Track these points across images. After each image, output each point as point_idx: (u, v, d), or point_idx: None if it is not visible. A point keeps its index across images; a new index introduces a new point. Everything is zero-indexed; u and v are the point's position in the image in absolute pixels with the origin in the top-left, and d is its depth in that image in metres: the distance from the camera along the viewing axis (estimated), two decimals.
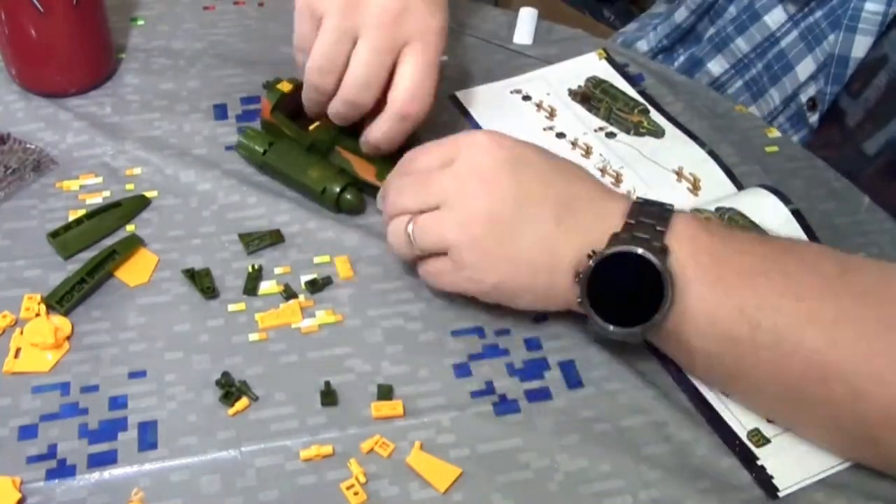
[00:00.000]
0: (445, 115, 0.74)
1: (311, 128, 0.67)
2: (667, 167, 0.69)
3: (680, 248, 0.52)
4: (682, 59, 0.89)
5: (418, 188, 0.57)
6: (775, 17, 0.81)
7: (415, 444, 0.52)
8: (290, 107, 0.68)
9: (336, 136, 0.66)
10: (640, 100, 0.74)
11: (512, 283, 0.55)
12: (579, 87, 0.75)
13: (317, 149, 0.66)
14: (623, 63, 0.79)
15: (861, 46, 0.75)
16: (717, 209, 0.63)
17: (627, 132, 0.72)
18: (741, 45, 0.83)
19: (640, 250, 0.51)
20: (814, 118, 0.80)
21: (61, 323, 0.57)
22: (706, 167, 0.69)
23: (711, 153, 0.70)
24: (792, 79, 0.81)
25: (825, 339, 0.49)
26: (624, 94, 0.74)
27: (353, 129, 0.65)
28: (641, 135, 0.72)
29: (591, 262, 0.52)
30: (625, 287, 0.53)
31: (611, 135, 0.72)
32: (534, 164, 0.56)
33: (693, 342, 0.53)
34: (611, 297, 0.53)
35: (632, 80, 0.78)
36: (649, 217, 0.53)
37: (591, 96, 0.74)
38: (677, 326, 0.52)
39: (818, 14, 0.78)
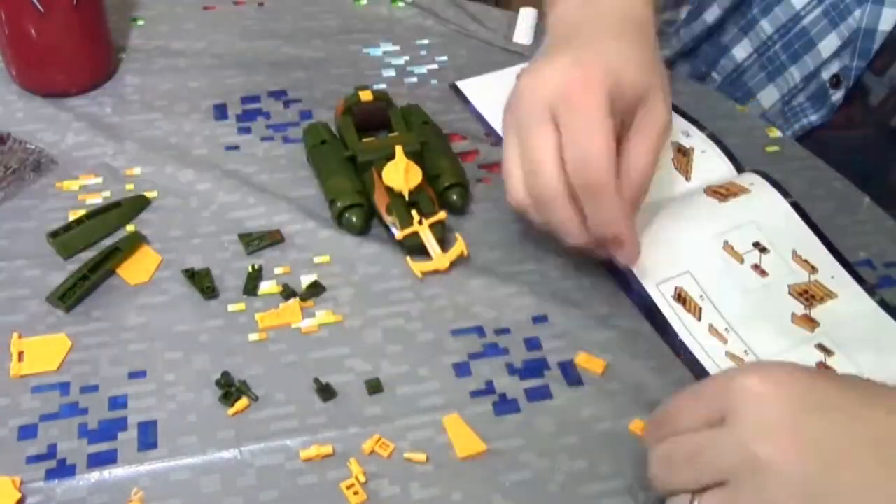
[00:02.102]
0: (445, 105, 0.74)
1: (364, 140, 0.67)
2: (667, 148, 0.69)
3: None
4: (707, 50, 0.89)
5: (690, 464, 0.44)
6: None
7: (453, 414, 0.54)
8: (362, 115, 0.69)
9: (379, 157, 0.64)
10: None
11: None
12: None
13: (358, 162, 0.65)
14: None
15: (889, 19, 0.73)
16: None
17: None
18: (766, 27, 0.82)
19: None
20: (836, 96, 0.79)
21: (58, 342, 0.57)
22: (704, 147, 0.70)
23: (712, 136, 0.70)
24: (814, 56, 0.79)
25: None
26: None
27: (392, 154, 0.63)
28: None
29: None
30: None
31: None
32: (834, 397, 0.43)
33: None
34: None
35: None
36: None
37: None
38: None
39: None
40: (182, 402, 0.54)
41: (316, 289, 0.60)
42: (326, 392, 0.55)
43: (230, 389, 0.54)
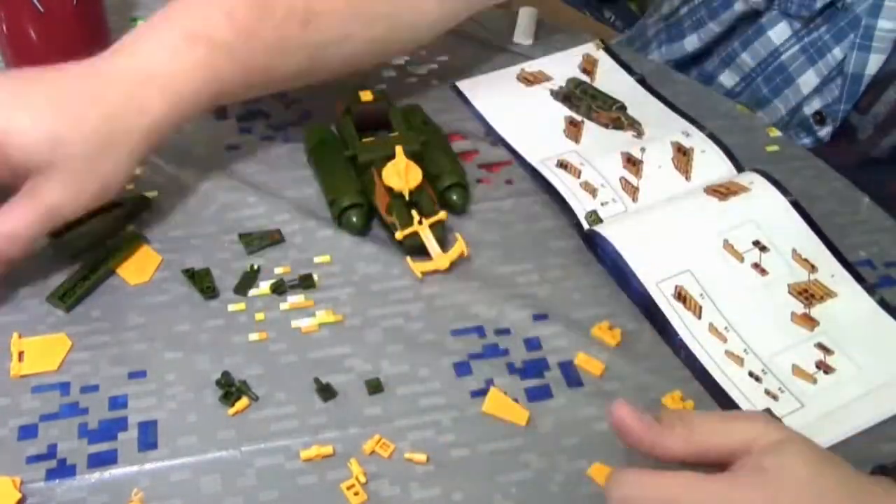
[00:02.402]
0: (445, 105, 0.74)
1: (364, 140, 0.66)
2: (666, 147, 0.69)
3: None
4: (693, 73, 0.89)
5: None
6: (780, 33, 0.80)
7: (491, 391, 0.55)
8: (362, 116, 0.68)
9: (378, 158, 0.63)
10: (617, 98, 0.74)
11: None
12: (560, 87, 0.75)
13: (359, 162, 0.65)
14: (625, 61, 0.79)
15: (874, 64, 0.75)
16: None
17: (606, 128, 0.72)
18: (746, 59, 0.83)
19: None
20: (823, 132, 0.81)
21: (58, 341, 0.57)
22: (704, 146, 0.70)
23: (712, 136, 0.70)
24: (794, 91, 0.81)
25: None
26: (602, 93, 0.74)
27: (392, 154, 0.62)
28: (622, 129, 0.72)
29: None
30: None
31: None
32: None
33: None
34: None
35: (629, 69, 0.78)
36: None
37: (571, 95, 0.74)
38: None
39: (822, 29, 0.78)
40: (182, 402, 0.54)
41: (307, 281, 0.60)
42: (326, 392, 0.55)
43: (230, 389, 0.54)
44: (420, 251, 0.61)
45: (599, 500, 0.51)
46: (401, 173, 0.62)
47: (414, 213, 0.61)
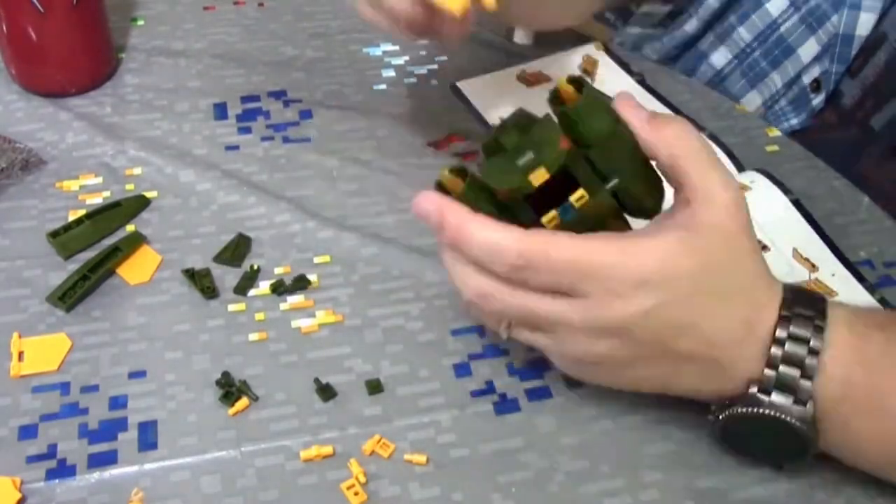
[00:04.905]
0: (445, 105, 0.74)
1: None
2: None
3: (835, 370, 0.47)
4: (688, 55, 0.89)
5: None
6: (777, 4, 0.80)
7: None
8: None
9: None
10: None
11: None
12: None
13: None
14: (625, 61, 0.79)
15: (865, 24, 0.74)
16: None
17: None
18: (743, 34, 0.83)
19: (781, 415, 0.47)
20: (817, 100, 0.79)
21: (58, 341, 0.57)
22: None
23: (712, 136, 0.70)
24: (794, 61, 0.80)
25: None
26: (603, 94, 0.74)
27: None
28: None
29: (722, 415, 0.49)
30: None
31: None
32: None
33: (855, 460, 0.50)
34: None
35: (629, 69, 0.78)
36: (802, 325, 0.47)
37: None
38: (838, 449, 0.50)
39: None
40: (182, 402, 0.54)
41: (301, 282, 0.60)
42: (326, 392, 0.55)
43: (230, 389, 0.54)
44: None
45: (599, 499, 0.51)
46: None
47: None
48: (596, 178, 0.49)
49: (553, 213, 0.48)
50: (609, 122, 0.49)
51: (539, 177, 0.47)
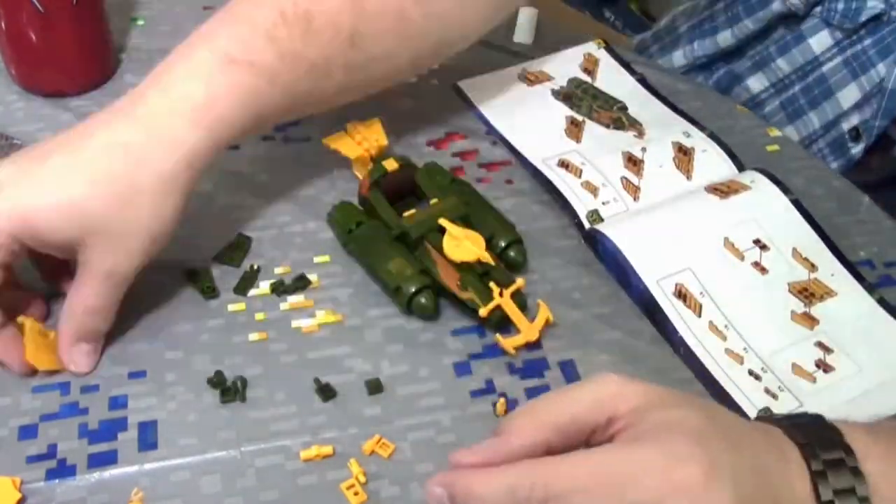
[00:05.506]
0: (445, 105, 0.74)
1: (405, 214, 0.60)
2: (667, 147, 0.70)
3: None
4: (721, 72, 0.87)
5: None
6: (821, 41, 0.77)
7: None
8: (391, 187, 0.63)
9: (429, 231, 0.59)
10: (618, 98, 0.74)
11: None
12: (561, 87, 0.75)
13: (405, 238, 0.60)
14: (625, 60, 0.79)
15: None
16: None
17: (607, 128, 0.72)
18: (782, 65, 0.80)
19: None
20: (857, 149, 0.78)
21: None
22: (705, 146, 0.70)
23: (712, 136, 0.70)
24: (833, 105, 0.78)
25: None
26: (604, 93, 0.74)
27: (443, 227, 0.58)
28: (623, 129, 0.72)
29: None
30: None
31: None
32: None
33: None
34: None
35: (629, 67, 0.78)
36: (838, 474, 0.40)
37: (573, 95, 0.74)
38: None
39: (867, 42, 0.75)
40: (182, 402, 0.54)
41: (301, 282, 0.60)
42: (326, 392, 0.55)
43: (226, 386, 0.54)
44: (501, 322, 0.58)
45: None
46: (463, 244, 0.57)
47: (492, 285, 0.57)
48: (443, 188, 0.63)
49: (412, 211, 0.60)
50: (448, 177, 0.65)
51: (390, 163, 0.63)
